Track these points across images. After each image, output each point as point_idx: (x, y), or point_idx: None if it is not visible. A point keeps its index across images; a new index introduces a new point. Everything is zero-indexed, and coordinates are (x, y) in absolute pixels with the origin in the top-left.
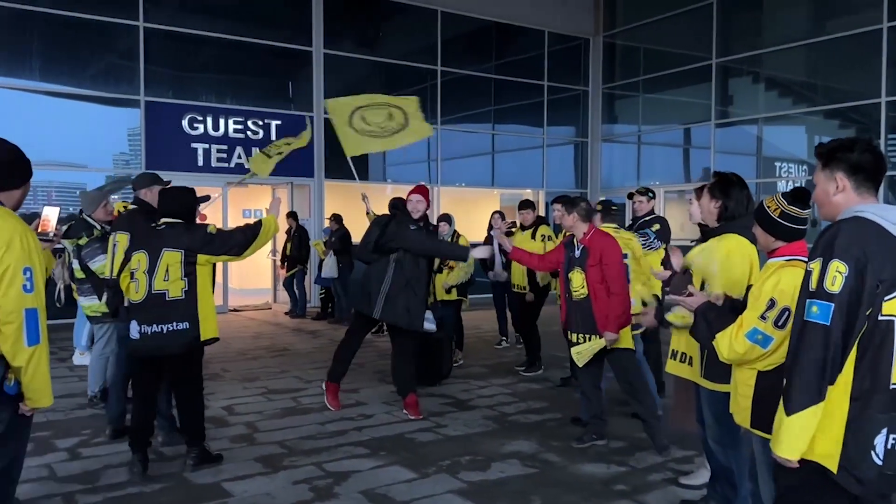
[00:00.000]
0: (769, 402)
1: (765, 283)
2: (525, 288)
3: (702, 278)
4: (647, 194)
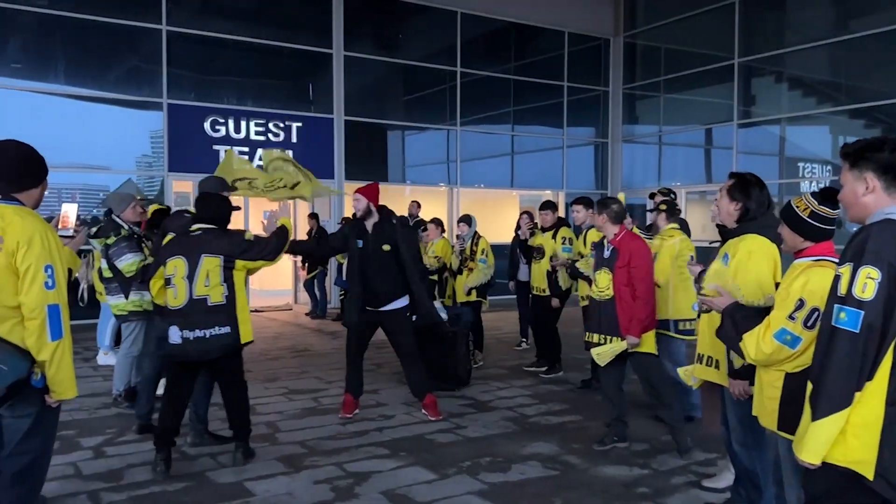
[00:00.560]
0: (799, 405)
1: (793, 283)
2: (544, 291)
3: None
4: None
